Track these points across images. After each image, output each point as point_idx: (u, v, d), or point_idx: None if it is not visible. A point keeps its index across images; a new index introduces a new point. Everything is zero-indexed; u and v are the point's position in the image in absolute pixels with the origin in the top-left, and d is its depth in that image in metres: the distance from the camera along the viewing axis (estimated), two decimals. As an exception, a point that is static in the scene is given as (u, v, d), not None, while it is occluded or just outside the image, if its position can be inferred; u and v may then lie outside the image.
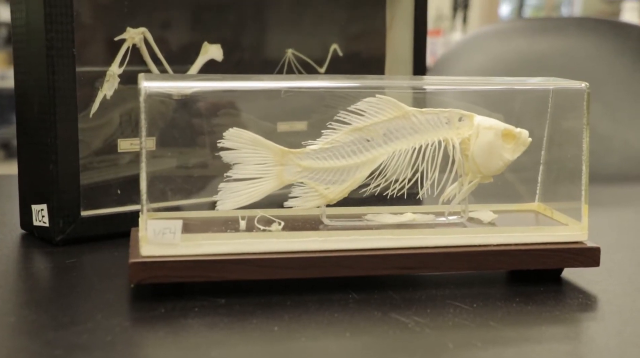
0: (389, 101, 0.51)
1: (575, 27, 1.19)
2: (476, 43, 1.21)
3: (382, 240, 0.49)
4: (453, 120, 0.53)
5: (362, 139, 0.51)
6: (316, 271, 0.48)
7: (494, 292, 0.49)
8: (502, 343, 0.41)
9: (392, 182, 0.52)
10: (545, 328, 0.44)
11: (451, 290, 0.49)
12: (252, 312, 0.45)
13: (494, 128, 0.52)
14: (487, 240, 0.50)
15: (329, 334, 0.42)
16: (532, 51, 1.17)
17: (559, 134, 0.56)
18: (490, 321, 0.44)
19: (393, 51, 0.78)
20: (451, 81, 0.61)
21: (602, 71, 1.13)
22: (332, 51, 0.75)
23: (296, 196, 0.51)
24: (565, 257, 0.50)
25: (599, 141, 1.10)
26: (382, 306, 0.46)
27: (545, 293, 0.49)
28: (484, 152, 0.52)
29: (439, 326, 0.43)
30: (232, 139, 0.49)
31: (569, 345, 0.42)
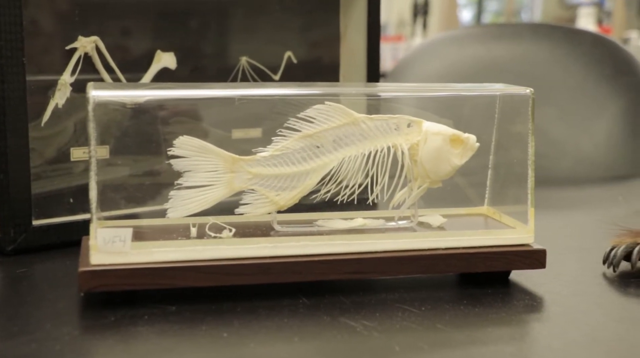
0: (338, 108, 0.52)
1: (530, 33, 1.21)
2: (433, 49, 1.23)
3: (333, 245, 0.50)
4: (402, 126, 0.53)
5: (312, 146, 0.52)
6: (267, 278, 0.48)
7: (442, 295, 0.50)
8: (448, 346, 0.42)
9: (342, 188, 0.52)
10: (492, 330, 0.45)
11: (401, 294, 0.50)
12: (202, 319, 0.45)
13: (442, 134, 0.53)
14: (436, 243, 0.51)
15: (278, 339, 0.43)
16: (488, 56, 1.18)
17: (506, 139, 0.57)
18: (438, 324, 0.45)
19: (347, 58, 0.79)
20: (402, 87, 0.62)
21: (555, 76, 1.15)
22: (287, 58, 0.75)
23: (247, 203, 0.51)
24: (512, 260, 0.52)
25: (551, 145, 1.12)
26: (331, 310, 0.47)
27: (492, 296, 0.50)
28: (432, 157, 0.53)
29: (387, 329, 0.44)
30: (182, 147, 0.49)
31: (514, 346, 0.43)
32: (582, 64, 1.14)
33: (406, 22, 3.18)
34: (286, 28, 0.76)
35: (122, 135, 0.59)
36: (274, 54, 0.75)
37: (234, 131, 0.71)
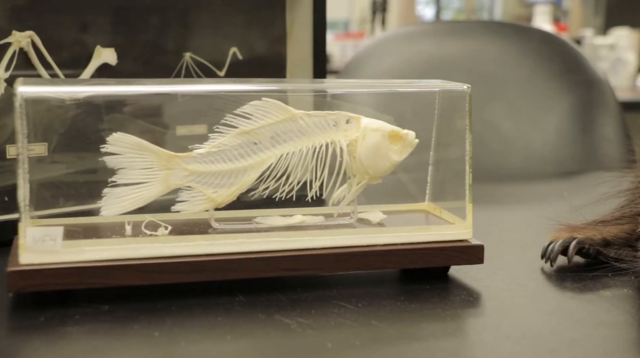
0: (275, 104, 0.51)
1: (481, 31, 1.22)
2: (386, 46, 1.23)
3: (270, 242, 0.50)
4: (340, 122, 0.53)
5: (249, 143, 0.51)
6: (202, 275, 0.48)
7: (380, 291, 0.50)
8: (381, 342, 0.42)
9: (281, 185, 0.52)
10: (426, 326, 0.45)
11: (339, 291, 0.50)
12: (134, 318, 0.44)
13: (381, 130, 0.53)
14: (374, 240, 0.51)
15: (210, 338, 0.42)
16: (440, 53, 1.19)
17: (446, 135, 0.57)
18: (373, 320, 0.45)
19: (294, 54, 0.79)
20: (343, 84, 0.61)
21: (506, 72, 1.16)
22: (232, 55, 0.75)
23: (184, 200, 0.51)
24: (450, 255, 0.52)
25: (502, 141, 1.13)
26: (267, 308, 0.46)
27: (430, 291, 0.50)
28: (371, 153, 0.53)
29: (321, 326, 0.44)
30: (115, 144, 0.49)
31: (447, 341, 0.43)
32: (531, 61, 1.15)
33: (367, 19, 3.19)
34: (231, 24, 0.75)
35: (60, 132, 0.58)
36: (219, 50, 0.74)
37: (179, 128, 0.70)
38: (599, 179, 0.62)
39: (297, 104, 0.54)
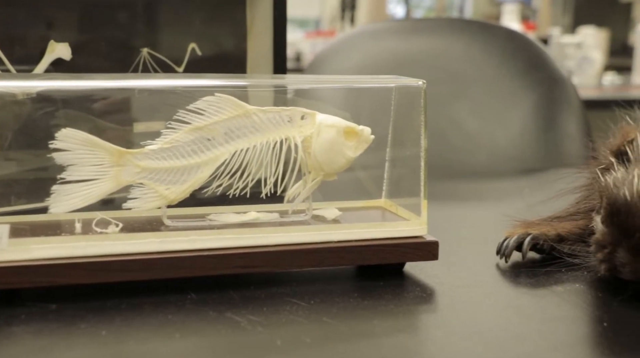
0: (229, 100, 0.51)
1: (447, 28, 1.22)
2: (351, 43, 1.23)
3: (223, 239, 0.49)
4: (295, 118, 0.53)
5: (202, 139, 0.51)
6: (153, 273, 0.47)
7: (334, 288, 0.50)
8: (332, 339, 0.42)
9: (235, 181, 0.52)
10: (378, 322, 0.44)
11: (292, 288, 0.49)
12: (83, 317, 0.43)
13: (336, 126, 0.53)
14: (328, 236, 0.51)
15: (159, 336, 0.41)
16: (406, 50, 1.19)
17: (402, 132, 0.57)
18: (325, 317, 0.45)
19: (254, 50, 0.78)
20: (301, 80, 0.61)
21: (471, 70, 1.17)
22: (191, 50, 0.74)
23: (135, 197, 0.50)
24: (404, 251, 0.52)
25: (466, 139, 1.13)
26: (219, 306, 0.46)
27: (384, 288, 0.50)
28: (326, 150, 0.52)
29: (272, 324, 0.43)
30: (65, 140, 0.48)
31: (397, 337, 0.43)
32: (496, 59, 1.15)
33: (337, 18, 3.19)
34: (190, 20, 0.74)
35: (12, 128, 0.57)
36: (177, 46, 0.73)
37: (136, 124, 0.69)
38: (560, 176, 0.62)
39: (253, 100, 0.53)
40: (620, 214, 0.46)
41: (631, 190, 0.46)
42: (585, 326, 0.44)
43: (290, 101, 0.56)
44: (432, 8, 5.69)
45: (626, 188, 0.47)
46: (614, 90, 2.21)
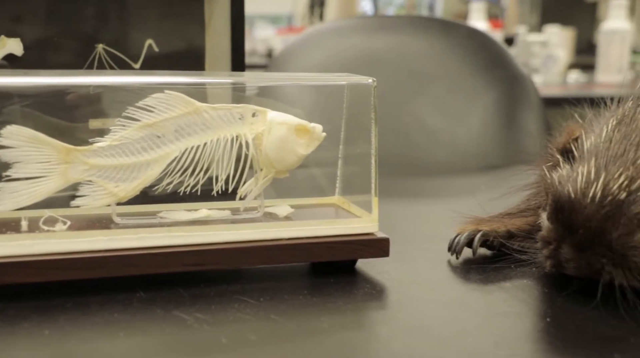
0: (179, 97, 0.51)
1: (408, 26, 1.23)
2: (315, 40, 1.23)
3: (172, 237, 0.49)
4: (246, 116, 0.53)
5: (152, 136, 0.51)
6: (101, 272, 0.47)
7: (284, 285, 0.50)
8: (277, 336, 0.42)
9: (186, 178, 0.51)
10: (325, 319, 0.45)
11: (242, 285, 0.49)
12: (26, 316, 0.43)
13: (287, 123, 0.53)
14: (279, 234, 0.51)
15: (103, 335, 0.41)
16: (368, 48, 1.19)
17: (354, 129, 0.57)
18: (272, 314, 0.45)
19: (212, 47, 0.78)
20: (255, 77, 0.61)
21: (432, 67, 1.17)
22: (147, 47, 0.73)
23: (84, 194, 0.50)
24: (355, 248, 0.52)
25: (429, 136, 1.14)
26: (167, 304, 0.45)
27: (334, 285, 0.50)
28: (277, 147, 0.52)
29: (219, 321, 0.43)
30: (10, 137, 0.47)
31: (343, 334, 0.43)
32: (457, 56, 1.16)
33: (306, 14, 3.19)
34: (147, 16, 0.74)
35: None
36: (134, 42, 0.73)
37: (92, 121, 0.69)
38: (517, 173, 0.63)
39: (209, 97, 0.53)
40: (564, 211, 0.47)
41: (575, 187, 0.47)
42: (529, 321, 0.45)
43: (242, 98, 0.55)
44: (403, 6, 5.72)
45: (570, 185, 0.47)
46: (578, 88, 2.24)
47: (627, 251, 0.45)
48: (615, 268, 0.45)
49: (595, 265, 0.46)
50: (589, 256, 0.46)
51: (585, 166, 0.48)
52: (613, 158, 0.48)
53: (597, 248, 0.46)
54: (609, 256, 0.45)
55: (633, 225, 0.45)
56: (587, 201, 0.46)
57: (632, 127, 0.49)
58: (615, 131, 0.50)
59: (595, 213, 0.46)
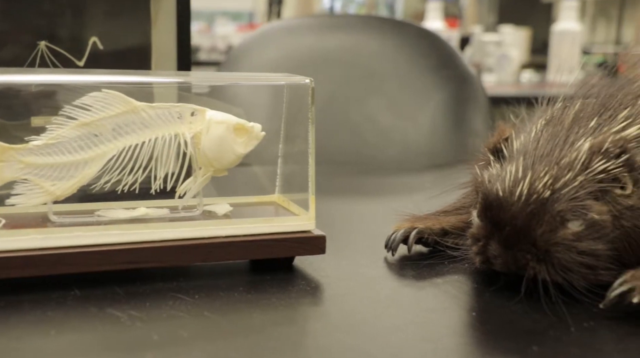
0: (116, 96, 0.51)
1: (361, 25, 1.24)
2: (267, 38, 1.24)
3: (108, 235, 0.49)
4: (185, 115, 0.53)
5: (90, 135, 0.51)
6: (36, 270, 0.47)
7: (221, 283, 0.50)
8: (209, 333, 0.43)
9: (124, 177, 0.52)
10: (257, 315, 0.45)
11: (179, 283, 0.50)
12: (-42, 315, 0.43)
13: (226, 122, 0.53)
14: (216, 232, 0.52)
15: (34, 333, 0.41)
16: (320, 46, 1.20)
17: (294, 128, 0.58)
18: (206, 311, 0.45)
19: (158, 45, 0.78)
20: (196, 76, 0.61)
21: (384, 66, 1.19)
22: (92, 44, 0.73)
23: (20, 193, 0.50)
24: (292, 246, 0.53)
25: (379, 134, 1.15)
26: (101, 302, 0.46)
27: (270, 282, 0.51)
28: (216, 146, 0.53)
29: (152, 319, 0.44)
30: (-57, 136, 0.47)
31: (275, 330, 0.43)
32: (408, 56, 1.18)
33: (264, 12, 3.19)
34: (92, 13, 0.74)
35: None
36: (77, 40, 0.72)
37: (34, 119, 0.68)
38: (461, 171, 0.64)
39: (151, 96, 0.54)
40: (492, 209, 0.48)
41: (503, 186, 0.48)
42: (456, 316, 0.46)
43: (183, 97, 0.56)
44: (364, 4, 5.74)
45: (499, 184, 0.49)
46: (531, 87, 2.28)
47: (550, 247, 0.47)
48: (539, 264, 0.47)
49: (521, 260, 0.47)
50: (514, 253, 0.48)
51: (513, 165, 0.49)
52: (540, 157, 0.49)
53: (522, 245, 0.47)
54: (533, 253, 0.47)
55: (556, 222, 0.47)
56: (514, 199, 0.48)
57: (559, 128, 0.51)
58: (544, 131, 0.51)
59: (520, 211, 0.47)
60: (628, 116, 0.51)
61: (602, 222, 0.47)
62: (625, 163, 0.48)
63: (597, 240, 0.47)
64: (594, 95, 0.54)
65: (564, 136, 0.50)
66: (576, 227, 0.47)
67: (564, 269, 0.47)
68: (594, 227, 0.47)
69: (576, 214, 0.47)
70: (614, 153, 0.48)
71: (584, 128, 0.50)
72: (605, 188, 0.48)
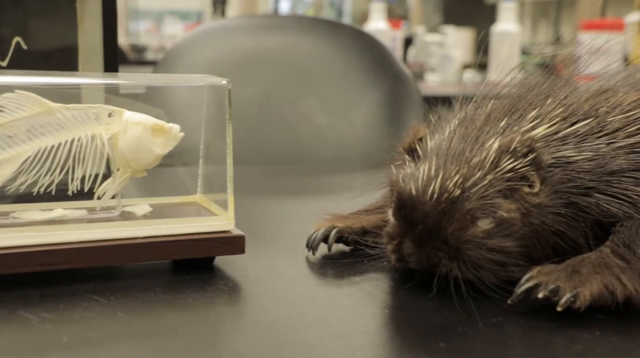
0: (30, 97, 0.51)
1: (296, 26, 1.24)
2: (203, 39, 1.23)
3: (23, 237, 0.49)
4: (102, 116, 0.53)
5: (3, 136, 0.50)
6: (-54, 273, 0.46)
7: (138, 284, 0.50)
8: (120, 334, 0.43)
9: (40, 178, 0.51)
10: (171, 316, 0.45)
11: (96, 284, 0.49)
12: None
13: (143, 123, 0.53)
14: (134, 233, 0.52)
15: (-60, 337, 0.41)
16: (256, 47, 1.21)
17: (214, 129, 0.58)
18: (120, 312, 0.45)
19: (85, 45, 0.77)
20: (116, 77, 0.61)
21: (320, 67, 1.19)
22: (15, 44, 0.72)
23: None
24: (211, 246, 0.53)
25: (316, 134, 1.16)
26: (14, 304, 0.45)
27: (188, 282, 0.51)
28: (133, 146, 0.53)
29: (64, 321, 0.44)
30: None
31: (187, 329, 0.44)
32: (343, 56, 1.19)
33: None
34: (15, 12, 0.73)
35: None
36: (1, 40, 0.71)
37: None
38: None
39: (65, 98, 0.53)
40: (406, 207, 0.49)
41: (416, 185, 0.49)
42: (369, 313, 0.47)
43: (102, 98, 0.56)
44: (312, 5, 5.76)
45: (412, 183, 0.50)
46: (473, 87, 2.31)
47: (460, 245, 0.48)
48: (451, 261, 0.48)
49: (433, 258, 0.49)
50: (427, 251, 0.49)
51: (426, 165, 0.50)
52: (452, 157, 0.50)
53: (434, 243, 0.48)
54: (445, 250, 0.48)
55: (466, 220, 0.48)
56: (426, 198, 0.49)
57: (471, 128, 0.52)
58: (456, 130, 0.53)
59: (432, 210, 0.48)
60: (537, 116, 0.52)
61: (511, 220, 0.49)
62: (532, 161, 0.49)
63: (507, 237, 0.49)
64: (506, 95, 0.55)
65: (475, 136, 0.51)
66: (486, 225, 0.48)
67: (474, 266, 0.48)
68: (503, 225, 0.49)
69: (486, 212, 0.48)
70: (521, 152, 0.49)
71: (494, 128, 0.52)
72: (514, 187, 0.49)
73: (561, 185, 0.50)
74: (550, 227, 0.50)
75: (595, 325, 0.44)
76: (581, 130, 0.52)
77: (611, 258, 0.47)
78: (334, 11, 5.49)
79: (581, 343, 0.42)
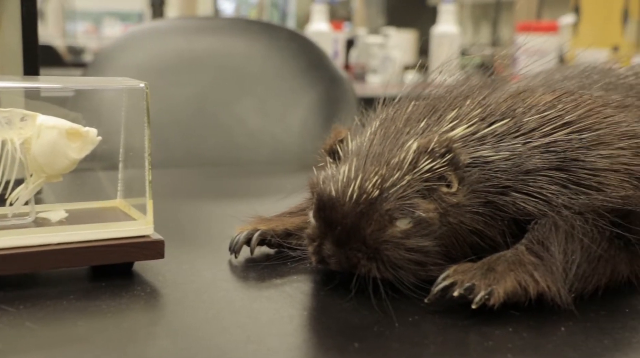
0: None
1: (230, 28, 1.24)
2: (134, 41, 1.21)
3: None
4: (14, 120, 0.51)
5: None
6: None
7: (51, 291, 0.49)
8: (26, 344, 0.41)
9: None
10: (82, 323, 0.44)
11: (5, 293, 0.48)
12: None
13: (57, 127, 0.52)
14: (48, 239, 0.50)
15: None
16: (189, 49, 1.19)
17: (133, 132, 0.57)
18: (28, 322, 0.44)
19: (3, 48, 0.75)
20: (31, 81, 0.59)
21: (254, 69, 1.19)
22: None
23: None
24: (128, 251, 0.52)
25: (251, 136, 1.16)
26: None
27: (105, 288, 0.50)
28: (47, 151, 0.51)
29: (-32, 332, 0.42)
30: None
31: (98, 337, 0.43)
32: (278, 58, 1.18)
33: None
34: None
35: None
36: None
37: None
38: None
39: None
40: (325, 209, 0.49)
41: (336, 187, 0.49)
42: (287, 315, 0.47)
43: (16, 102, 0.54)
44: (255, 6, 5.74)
45: (332, 185, 0.50)
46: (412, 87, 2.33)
47: (379, 245, 0.48)
48: (370, 262, 0.48)
49: (352, 259, 0.48)
50: (346, 251, 0.48)
51: (346, 166, 0.50)
52: (371, 158, 0.50)
53: (353, 244, 0.48)
54: (364, 251, 0.48)
55: (385, 221, 0.48)
56: (345, 199, 0.49)
57: (392, 129, 0.52)
58: (377, 132, 0.53)
59: (351, 211, 0.48)
60: (456, 117, 0.53)
61: (429, 219, 0.49)
62: (450, 161, 0.49)
63: (425, 237, 0.49)
64: (426, 96, 0.56)
65: (395, 137, 0.51)
66: (404, 225, 0.48)
67: (393, 266, 0.48)
68: (422, 224, 0.49)
69: (404, 212, 0.48)
70: (439, 152, 0.49)
71: (414, 129, 0.52)
72: (432, 187, 0.49)
73: (479, 184, 0.50)
74: (469, 226, 0.50)
75: (508, 321, 0.45)
76: (499, 130, 0.52)
77: (525, 256, 0.48)
78: (277, 13, 5.48)
79: (493, 340, 0.43)
